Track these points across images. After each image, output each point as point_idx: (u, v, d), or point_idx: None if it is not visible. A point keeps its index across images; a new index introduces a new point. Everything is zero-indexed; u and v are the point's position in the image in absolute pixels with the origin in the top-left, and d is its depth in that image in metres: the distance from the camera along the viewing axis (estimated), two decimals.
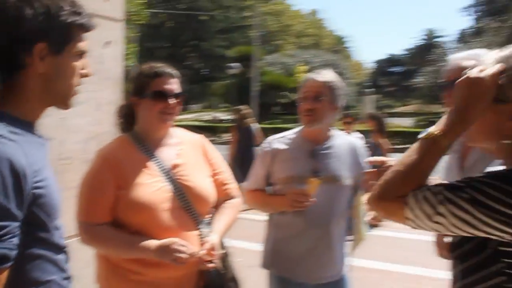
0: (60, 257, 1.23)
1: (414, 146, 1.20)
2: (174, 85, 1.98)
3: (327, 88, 2.33)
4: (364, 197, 2.28)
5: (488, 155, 1.78)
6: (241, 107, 8.46)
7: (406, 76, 73.76)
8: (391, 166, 1.67)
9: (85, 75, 1.31)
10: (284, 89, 35.73)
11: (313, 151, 2.37)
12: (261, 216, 2.74)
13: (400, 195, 1.15)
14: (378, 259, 5.64)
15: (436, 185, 1.14)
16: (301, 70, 34.08)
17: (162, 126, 2.01)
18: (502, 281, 1.17)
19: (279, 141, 2.46)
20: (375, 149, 7.23)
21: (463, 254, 1.31)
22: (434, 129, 1.18)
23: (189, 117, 36.60)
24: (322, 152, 2.37)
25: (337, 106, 2.38)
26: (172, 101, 1.96)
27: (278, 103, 38.63)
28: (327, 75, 2.37)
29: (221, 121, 31.82)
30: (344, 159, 2.40)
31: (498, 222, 1.05)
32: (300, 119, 2.40)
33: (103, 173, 1.90)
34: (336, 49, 68.39)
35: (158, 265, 1.83)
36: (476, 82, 1.16)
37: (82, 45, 1.26)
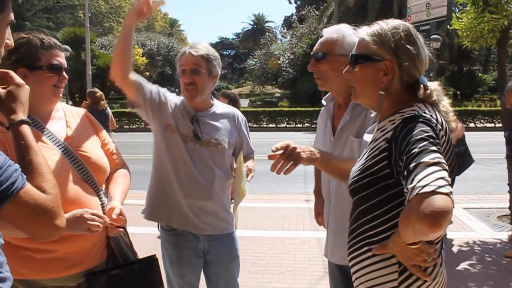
0: None
1: None
2: (63, 58, 1.96)
3: (204, 61, 2.44)
4: (242, 159, 2.47)
5: (355, 119, 2.12)
6: (95, 89, 8.01)
7: (238, 59, 76.92)
8: (295, 148, 1.86)
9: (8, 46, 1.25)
10: None
11: (195, 116, 2.48)
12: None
13: None
14: (240, 228, 5.99)
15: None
16: (137, 53, 33.30)
17: (54, 100, 1.97)
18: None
19: (174, 96, 2.54)
20: None
21: (365, 197, 1.56)
22: None
23: None
24: (203, 118, 2.50)
25: (215, 75, 2.51)
26: (65, 74, 1.94)
27: (114, 87, 37.12)
28: (202, 48, 2.47)
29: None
30: (224, 126, 2.56)
31: None
32: (182, 93, 2.48)
33: None
34: (170, 32, 68.04)
35: (65, 239, 1.76)
36: None
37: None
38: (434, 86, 1.59)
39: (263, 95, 48.25)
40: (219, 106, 2.63)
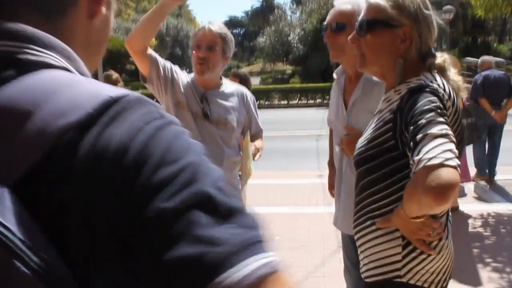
0: None
1: None
2: None
3: (220, 39, 2.46)
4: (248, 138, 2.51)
5: (367, 94, 2.10)
6: (111, 72, 7.99)
7: (248, 37, 76.32)
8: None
9: None
10: (129, 55, 34.43)
11: (203, 95, 2.49)
12: None
13: None
14: (253, 204, 6.04)
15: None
16: None
17: None
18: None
19: (184, 74, 2.56)
20: None
21: (368, 169, 1.56)
22: None
23: None
24: (213, 97, 2.52)
25: (227, 56, 2.53)
26: None
27: (124, 70, 37.22)
28: (220, 27, 2.50)
29: None
30: (233, 105, 2.57)
31: None
32: (193, 67, 2.50)
33: None
34: (179, 12, 67.56)
35: None
36: None
37: None
38: (444, 55, 1.56)
39: (274, 73, 47.99)
40: (228, 85, 2.64)
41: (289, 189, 6.67)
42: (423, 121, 1.28)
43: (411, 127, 1.31)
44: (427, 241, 1.43)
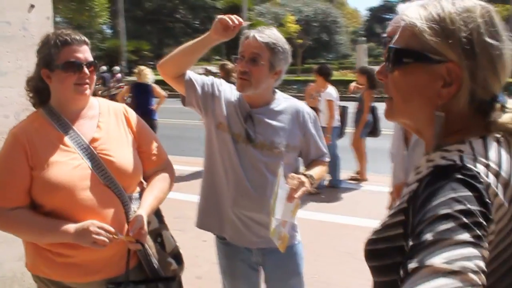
0: None
1: None
2: (86, 52, 1.81)
3: (268, 51, 2.04)
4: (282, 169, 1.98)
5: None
6: (226, 62, 8.07)
7: None
8: None
9: None
10: None
11: (248, 114, 2.14)
12: None
13: None
14: (362, 216, 5.59)
15: None
16: (290, 20, 33.36)
17: (79, 98, 1.84)
18: None
19: (231, 89, 2.23)
20: (361, 103, 7.03)
21: (379, 268, 1.09)
22: None
23: None
24: (259, 116, 2.14)
25: (278, 71, 2.11)
26: (86, 70, 1.79)
27: None
28: (270, 35, 2.07)
29: (213, 74, 31.41)
30: (283, 126, 2.16)
31: None
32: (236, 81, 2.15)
33: (14, 154, 1.75)
34: None
35: (83, 247, 1.72)
36: None
37: None
38: None
39: None
40: (281, 101, 2.21)
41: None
42: (428, 236, 0.76)
43: (411, 242, 0.79)
44: None
